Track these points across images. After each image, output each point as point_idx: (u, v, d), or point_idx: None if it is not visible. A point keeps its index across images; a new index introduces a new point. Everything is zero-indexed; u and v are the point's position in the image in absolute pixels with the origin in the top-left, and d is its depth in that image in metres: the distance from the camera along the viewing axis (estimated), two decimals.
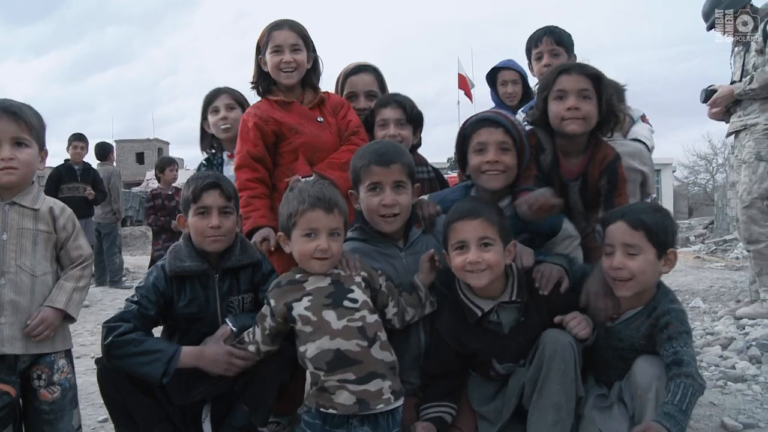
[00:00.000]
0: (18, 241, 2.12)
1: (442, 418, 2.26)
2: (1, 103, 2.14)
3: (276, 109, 2.86)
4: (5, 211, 2.13)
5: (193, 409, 2.38)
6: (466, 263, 2.13)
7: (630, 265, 2.08)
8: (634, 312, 2.18)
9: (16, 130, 2.11)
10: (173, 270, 2.33)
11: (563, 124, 2.46)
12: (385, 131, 2.91)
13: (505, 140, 2.40)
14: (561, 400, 2.09)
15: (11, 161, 2.09)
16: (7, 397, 2.04)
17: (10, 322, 2.06)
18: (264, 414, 2.38)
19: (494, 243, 2.14)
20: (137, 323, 2.22)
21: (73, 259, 2.25)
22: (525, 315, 2.22)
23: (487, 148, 2.40)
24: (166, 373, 2.14)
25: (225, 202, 2.35)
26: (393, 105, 2.94)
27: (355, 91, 3.23)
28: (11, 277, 2.08)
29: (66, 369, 2.20)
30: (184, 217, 2.42)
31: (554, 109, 2.47)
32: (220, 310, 2.38)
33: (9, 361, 2.07)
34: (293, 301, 2.14)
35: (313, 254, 2.12)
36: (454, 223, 2.18)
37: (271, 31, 2.86)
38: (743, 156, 4.79)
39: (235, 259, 2.40)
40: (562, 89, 2.45)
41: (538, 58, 3.08)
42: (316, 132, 2.85)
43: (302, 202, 2.13)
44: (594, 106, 2.45)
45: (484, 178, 2.44)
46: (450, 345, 2.30)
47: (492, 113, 2.51)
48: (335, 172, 2.74)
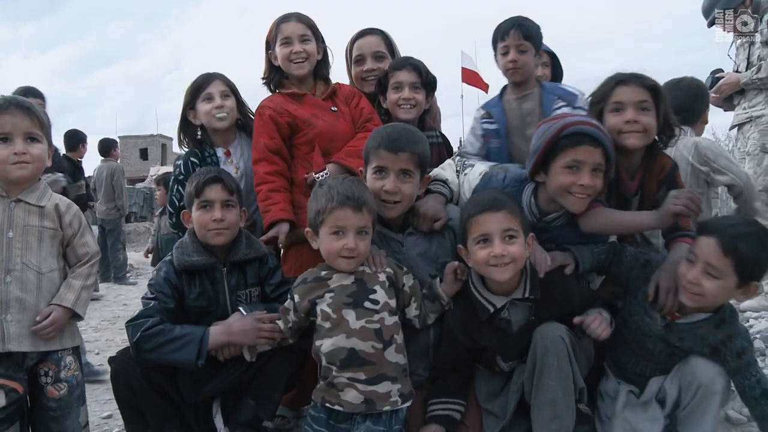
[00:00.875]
0: (24, 239, 2.13)
1: (450, 417, 2.26)
2: (14, 98, 2.16)
3: (289, 101, 2.85)
4: (11, 208, 2.14)
5: (204, 405, 2.40)
6: (491, 257, 2.08)
7: (705, 285, 2.01)
8: (702, 317, 2.14)
9: (29, 125, 2.13)
10: (182, 264, 2.35)
11: (622, 137, 2.33)
12: (399, 94, 2.88)
13: (601, 162, 2.19)
14: (556, 395, 2.09)
15: (24, 155, 2.11)
16: (15, 394, 2.05)
17: (17, 320, 2.07)
18: (270, 408, 2.40)
19: (518, 235, 2.10)
20: (161, 317, 2.25)
21: (80, 256, 2.26)
22: (536, 314, 2.21)
23: (581, 168, 2.18)
24: (200, 355, 2.18)
25: (227, 195, 2.39)
26: (408, 68, 2.90)
27: (362, 54, 3.16)
28: (17, 275, 2.09)
29: (73, 366, 2.21)
30: (188, 213, 2.45)
31: (611, 122, 2.34)
32: (229, 303, 2.41)
33: (16, 358, 2.08)
34: (317, 298, 2.16)
35: (340, 252, 2.12)
36: (476, 216, 2.12)
37: (280, 24, 2.87)
38: (747, 148, 4.77)
39: (242, 253, 2.43)
40: (620, 101, 2.34)
41: (504, 52, 2.87)
42: (331, 121, 2.84)
43: (331, 199, 2.12)
44: (653, 118, 2.33)
45: (570, 200, 2.23)
46: (460, 340, 2.29)
47: (594, 128, 2.19)
48: (354, 159, 2.69)
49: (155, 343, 2.19)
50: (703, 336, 2.12)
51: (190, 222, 2.44)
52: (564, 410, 2.10)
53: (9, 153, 2.09)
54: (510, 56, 2.84)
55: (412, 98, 2.86)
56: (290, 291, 2.26)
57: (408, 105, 2.86)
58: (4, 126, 2.09)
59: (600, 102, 2.41)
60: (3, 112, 2.09)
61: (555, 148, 2.20)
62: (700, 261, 2.02)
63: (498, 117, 2.99)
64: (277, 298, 2.47)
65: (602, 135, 2.18)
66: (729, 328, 2.10)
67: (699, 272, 2.01)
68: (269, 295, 2.49)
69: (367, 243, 2.18)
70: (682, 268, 2.08)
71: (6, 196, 2.14)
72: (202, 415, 2.39)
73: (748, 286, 2.01)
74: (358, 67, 3.16)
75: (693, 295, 2.04)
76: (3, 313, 2.05)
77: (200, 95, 2.88)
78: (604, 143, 2.17)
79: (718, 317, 2.11)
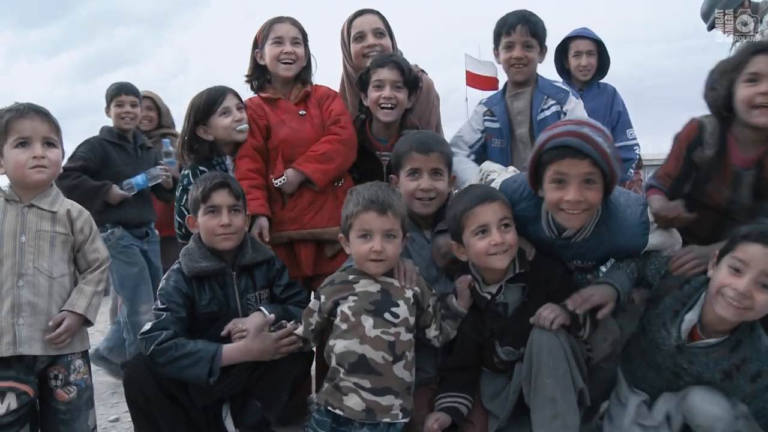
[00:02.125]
0: (36, 243, 2.15)
1: (457, 409, 2.28)
2: (32, 104, 2.19)
3: (265, 105, 2.92)
4: (24, 213, 2.16)
5: (214, 408, 2.42)
6: (491, 246, 2.12)
7: (759, 298, 1.86)
8: (717, 341, 2.02)
9: (47, 130, 2.17)
10: (191, 271, 2.37)
11: (752, 113, 2.16)
12: (380, 92, 2.79)
13: (592, 172, 2.02)
14: (555, 393, 2.07)
15: (43, 160, 2.14)
16: (26, 397, 2.07)
17: (29, 323, 2.09)
18: (277, 409, 2.42)
19: (512, 223, 2.18)
20: (175, 328, 2.27)
21: (90, 262, 2.28)
22: (529, 296, 2.24)
23: (568, 182, 2.04)
24: (212, 372, 2.20)
25: (234, 200, 2.41)
26: (390, 66, 2.80)
27: (362, 31, 3.11)
28: (29, 279, 2.11)
29: (83, 370, 2.23)
30: (193, 218, 2.46)
31: (743, 94, 2.18)
32: (240, 306, 2.42)
33: (27, 361, 2.10)
34: (340, 299, 2.20)
35: (368, 256, 2.16)
36: (473, 208, 2.16)
37: (273, 24, 2.92)
38: None
39: (250, 257, 2.46)
40: (757, 72, 2.16)
41: (508, 46, 2.79)
42: (297, 127, 2.86)
43: (357, 204, 2.18)
44: None
45: (563, 217, 2.12)
46: (470, 336, 2.32)
47: (578, 138, 2.01)
48: (311, 164, 2.74)
49: (168, 358, 2.20)
50: (716, 360, 2.02)
51: (196, 227, 2.45)
52: (566, 408, 2.07)
53: (28, 157, 2.12)
54: (516, 53, 2.79)
55: (393, 97, 2.78)
56: (316, 292, 2.30)
57: (389, 105, 2.78)
58: (24, 131, 2.12)
59: (734, 71, 2.23)
60: (23, 117, 2.13)
61: (540, 163, 2.10)
62: (752, 270, 1.86)
63: (500, 115, 2.95)
64: (286, 299, 2.50)
65: (587, 144, 1.99)
66: (745, 350, 1.98)
67: (750, 282, 1.86)
68: (278, 297, 2.51)
69: (395, 246, 2.20)
70: (723, 278, 1.93)
71: (19, 201, 2.17)
72: (212, 418, 2.41)
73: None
74: (359, 44, 3.10)
75: (739, 310, 1.89)
76: (15, 316, 2.07)
77: (215, 110, 2.83)
78: (590, 154, 1.98)
79: (734, 339, 2.00)
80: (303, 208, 2.79)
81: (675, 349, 2.09)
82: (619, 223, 2.19)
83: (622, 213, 2.20)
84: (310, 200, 2.80)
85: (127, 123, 3.78)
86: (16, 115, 2.13)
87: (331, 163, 2.77)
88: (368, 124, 2.97)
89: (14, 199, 2.17)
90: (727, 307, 1.91)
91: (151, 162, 3.90)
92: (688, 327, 2.07)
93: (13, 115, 2.13)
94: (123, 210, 3.60)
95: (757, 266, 1.86)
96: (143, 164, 3.82)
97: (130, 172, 3.70)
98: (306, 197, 2.80)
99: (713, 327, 2.04)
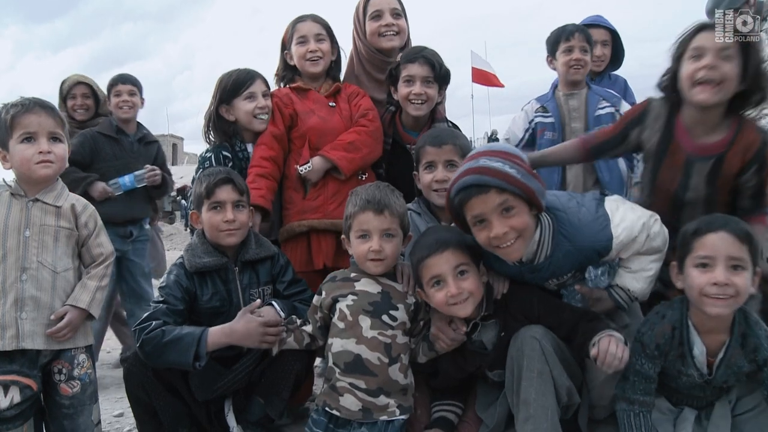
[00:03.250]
0: (40, 238, 2.15)
1: (447, 419, 2.27)
2: (37, 99, 2.20)
3: (294, 94, 2.94)
4: (28, 207, 2.17)
5: (216, 404, 2.42)
6: (448, 297, 2.03)
7: (736, 281, 1.83)
8: (726, 345, 1.96)
9: (53, 125, 2.17)
10: (193, 266, 2.36)
11: (694, 90, 2.14)
12: (411, 88, 2.77)
13: (506, 199, 1.93)
14: (529, 395, 2.00)
15: (48, 155, 2.14)
16: (29, 391, 2.08)
17: (32, 318, 2.09)
18: (279, 406, 2.41)
19: (469, 269, 2.07)
20: (167, 319, 2.25)
21: (95, 256, 2.28)
22: (504, 329, 2.17)
23: (486, 219, 1.96)
24: (198, 356, 2.14)
25: (238, 196, 2.40)
26: (421, 61, 2.77)
27: (380, 9, 3.07)
28: (33, 273, 2.12)
29: (86, 364, 2.23)
30: (197, 214, 2.45)
31: (687, 69, 2.15)
32: (242, 302, 2.41)
33: (31, 355, 2.10)
34: (340, 296, 2.20)
35: (367, 256, 2.16)
36: (424, 260, 2.07)
37: (296, 24, 2.96)
38: None
39: (253, 252, 2.45)
40: (700, 46, 2.15)
41: (568, 50, 3.14)
42: (326, 116, 2.87)
43: (355, 205, 2.19)
44: (735, 68, 2.11)
45: (501, 253, 2.04)
46: (450, 373, 2.29)
47: (475, 174, 1.93)
48: (338, 152, 2.75)
49: (155, 347, 2.17)
50: (738, 365, 1.96)
51: (199, 223, 2.45)
52: (539, 411, 1.98)
53: (34, 152, 2.13)
54: (575, 55, 3.12)
55: (423, 93, 2.76)
56: (319, 288, 2.29)
57: (419, 101, 2.77)
58: (29, 126, 2.13)
59: (679, 48, 2.22)
60: (29, 111, 2.13)
61: (458, 210, 2.02)
62: (719, 259, 1.85)
63: (553, 111, 3.22)
64: (290, 296, 2.49)
65: (485, 176, 1.91)
66: (752, 342, 1.92)
67: (724, 270, 1.84)
68: (282, 293, 2.50)
69: (394, 246, 2.19)
70: (697, 279, 1.89)
71: (24, 195, 2.18)
72: (214, 413, 2.41)
73: (757, 273, 1.87)
74: (376, 23, 3.07)
75: (728, 300, 1.85)
76: (18, 310, 2.08)
77: (241, 92, 2.83)
78: (490, 184, 1.90)
79: (737, 334, 1.93)
80: (327, 198, 2.79)
81: (704, 384, 2.02)
82: (576, 225, 2.10)
83: (574, 215, 2.11)
84: (334, 190, 2.79)
85: (125, 112, 3.75)
86: (21, 110, 2.13)
87: (357, 152, 2.77)
88: (398, 117, 2.97)
89: (19, 193, 2.18)
90: (716, 303, 1.86)
91: (150, 158, 3.83)
92: (703, 360, 2.00)
93: (18, 110, 2.13)
94: (105, 206, 3.23)
95: (721, 253, 1.85)
96: (140, 160, 3.75)
97: (122, 168, 3.64)
98: (330, 187, 2.80)
99: (710, 336, 1.98)
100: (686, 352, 2.00)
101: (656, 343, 2.01)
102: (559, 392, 2.03)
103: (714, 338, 1.98)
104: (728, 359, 1.96)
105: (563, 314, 2.15)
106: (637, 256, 2.15)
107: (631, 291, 2.19)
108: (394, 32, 3.05)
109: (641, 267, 2.16)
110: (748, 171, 2.21)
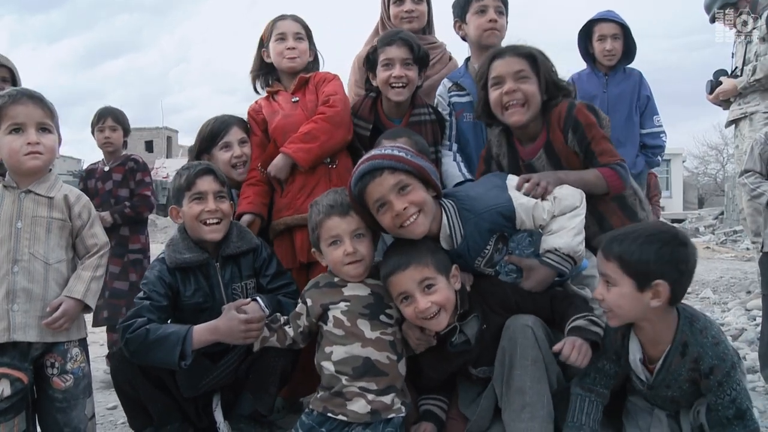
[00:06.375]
0: (32, 229, 2.13)
1: (433, 413, 2.26)
2: (25, 89, 2.17)
3: (264, 100, 2.98)
4: (20, 199, 2.14)
5: (204, 399, 2.40)
6: (417, 313, 2.03)
7: (606, 297, 1.89)
8: (666, 353, 1.94)
9: (41, 116, 2.13)
10: (174, 262, 2.34)
11: (506, 115, 2.32)
12: (390, 72, 2.71)
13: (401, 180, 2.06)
14: (524, 383, 1.99)
15: (37, 146, 2.11)
16: (20, 384, 2.06)
17: (24, 310, 2.07)
18: (268, 401, 2.41)
19: (436, 281, 2.04)
20: (151, 316, 2.22)
21: (89, 247, 2.26)
22: (486, 321, 2.16)
23: (385, 205, 2.06)
24: (183, 355, 2.12)
25: (219, 186, 2.39)
26: (399, 43, 2.72)
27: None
28: (24, 265, 2.09)
29: (79, 358, 2.21)
30: (176, 209, 2.42)
31: (493, 97, 2.33)
32: (225, 297, 2.39)
33: (22, 348, 2.08)
34: (330, 304, 2.17)
35: (343, 260, 2.13)
36: (389, 278, 2.07)
37: (276, 21, 2.98)
38: (744, 147, 4.70)
39: (234, 246, 2.42)
40: (498, 75, 2.31)
41: (480, 10, 2.91)
42: (288, 112, 2.85)
43: (318, 213, 2.17)
44: (534, 85, 2.29)
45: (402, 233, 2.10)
46: (431, 375, 2.28)
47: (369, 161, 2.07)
48: (294, 145, 2.70)
49: (140, 345, 2.14)
50: (678, 371, 1.94)
51: (180, 218, 2.41)
52: (535, 398, 1.98)
53: (22, 143, 2.09)
54: (490, 15, 2.92)
55: (404, 76, 2.69)
56: (301, 295, 2.26)
57: (399, 84, 2.70)
58: (17, 116, 2.09)
59: (481, 79, 2.39)
60: (16, 102, 2.10)
61: (361, 201, 2.10)
62: (599, 276, 1.94)
63: (470, 87, 2.91)
64: (274, 289, 2.46)
65: (377, 160, 2.04)
66: (693, 349, 1.90)
67: (600, 286, 1.92)
68: (265, 287, 2.46)
69: (367, 245, 2.18)
70: (596, 295, 1.96)
71: (16, 186, 2.15)
72: (202, 408, 2.40)
73: (653, 287, 1.82)
74: (398, 8, 3.22)
75: (608, 314, 1.92)
76: (9, 303, 2.06)
77: (217, 142, 2.87)
78: (384, 165, 2.03)
79: (678, 342, 1.92)
80: (295, 193, 2.74)
81: (649, 391, 2.03)
82: (473, 197, 2.20)
83: (470, 189, 2.30)
84: (301, 184, 2.74)
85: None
86: (9, 101, 2.09)
87: (314, 141, 2.68)
88: (380, 104, 2.90)
89: (11, 185, 2.15)
90: (606, 317, 1.94)
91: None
92: (639, 366, 2.00)
93: (6, 101, 2.10)
94: None
95: (599, 269, 1.92)
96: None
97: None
98: (297, 181, 2.75)
99: (653, 344, 1.96)
100: (626, 358, 2.03)
101: (614, 349, 2.05)
102: (550, 379, 2.05)
103: (657, 347, 1.97)
104: (667, 366, 1.95)
105: (538, 299, 2.14)
106: (554, 218, 2.16)
107: (559, 249, 2.12)
108: (413, 18, 3.18)
109: (561, 226, 2.15)
110: (568, 136, 2.32)
